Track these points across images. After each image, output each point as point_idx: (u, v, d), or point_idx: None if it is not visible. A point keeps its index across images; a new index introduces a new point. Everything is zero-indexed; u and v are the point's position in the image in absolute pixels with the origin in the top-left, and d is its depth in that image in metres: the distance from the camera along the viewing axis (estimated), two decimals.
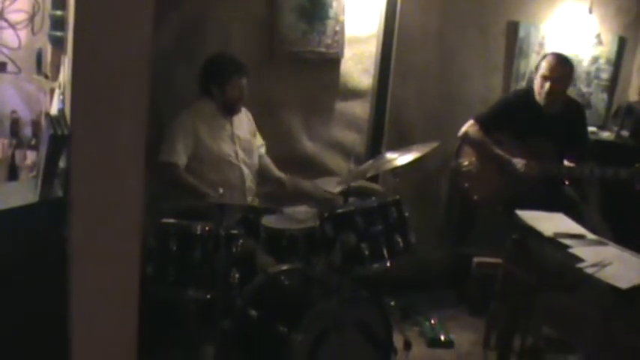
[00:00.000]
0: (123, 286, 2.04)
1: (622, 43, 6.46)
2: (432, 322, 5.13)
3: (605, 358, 3.77)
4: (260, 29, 5.12)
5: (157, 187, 4.57)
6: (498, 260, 4.38)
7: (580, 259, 3.39)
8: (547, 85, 5.02)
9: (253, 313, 3.81)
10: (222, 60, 4.66)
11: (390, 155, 4.46)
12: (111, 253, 2.35)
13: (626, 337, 3.14)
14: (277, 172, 5.02)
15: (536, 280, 3.54)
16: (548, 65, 5.06)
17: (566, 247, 3.55)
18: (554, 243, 3.62)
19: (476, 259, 5.38)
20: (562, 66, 5.06)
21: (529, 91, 5.20)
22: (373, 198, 4.34)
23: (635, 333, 3.10)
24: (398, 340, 4.36)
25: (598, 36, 6.33)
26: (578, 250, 3.49)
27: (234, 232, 3.93)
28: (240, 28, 5.03)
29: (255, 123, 4.99)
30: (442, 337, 4.96)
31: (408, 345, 4.56)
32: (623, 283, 3.09)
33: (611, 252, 3.50)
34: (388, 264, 4.10)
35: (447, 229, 5.93)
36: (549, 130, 5.07)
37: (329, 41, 5.31)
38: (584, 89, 6.38)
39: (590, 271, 3.24)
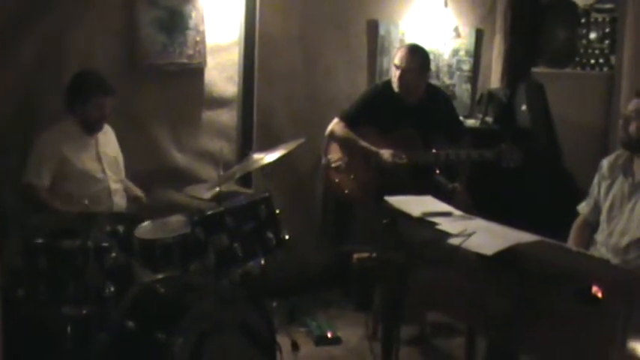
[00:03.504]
0: None
1: (479, 35, 6.68)
2: (318, 321, 5.13)
3: (480, 329, 3.86)
4: (121, 43, 5.07)
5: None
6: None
7: (448, 234, 3.43)
8: (398, 73, 5.12)
9: (131, 324, 3.73)
10: (86, 78, 4.58)
11: (257, 155, 4.47)
12: None
13: (496, 303, 3.20)
14: (135, 191, 4.94)
15: (407, 259, 3.57)
16: (399, 55, 5.16)
17: (434, 224, 3.59)
18: (422, 222, 3.66)
19: (355, 255, 5.41)
20: (412, 55, 5.13)
21: (388, 83, 5.27)
22: (242, 197, 4.33)
23: (504, 297, 3.16)
24: (285, 343, 4.35)
25: (456, 29, 6.51)
26: (445, 225, 3.53)
27: (105, 244, 3.85)
28: (101, 42, 4.98)
29: (122, 137, 4.91)
30: (329, 335, 4.96)
31: (295, 346, 4.56)
32: (489, 250, 3.14)
33: (477, 224, 3.56)
34: (262, 261, 4.10)
35: (325, 227, 5.95)
36: (414, 119, 5.14)
37: (190, 52, 5.29)
38: (448, 81, 6.55)
39: (455, 242, 3.28)
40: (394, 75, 5.16)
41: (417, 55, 5.17)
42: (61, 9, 4.78)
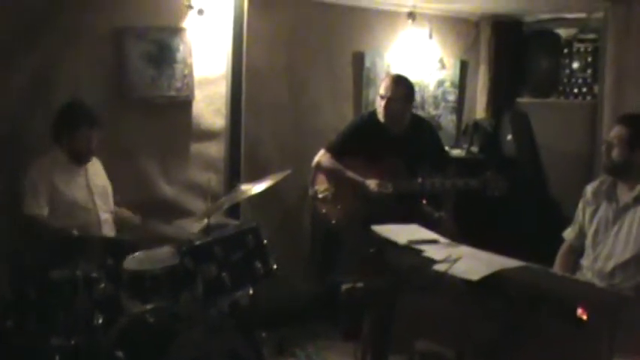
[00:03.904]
0: None
1: (464, 66, 6.76)
2: (307, 351, 5.12)
3: (468, 356, 3.87)
4: (110, 75, 5.11)
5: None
6: None
7: (434, 261, 3.45)
8: (383, 103, 5.18)
9: (120, 354, 3.72)
10: (73, 110, 4.60)
11: (244, 187, 4.50)
12: None
13: (483, 328, 3.21)
14: (127, 214, 4.95)
15: (393, 286, 3.58)
16: (384, 85, 5.24)
17: (420, 251, 3.61)
18: (408, 250, 3.68)
19: (344, 286, 5.42)
20: (396, 85, 5.21)
21: (374, 114, 5.33)
22: (230, 227, 4.35)
23: (491, 322, 3.18)
24: None
25: (441, 60, 6.58)
26: (430, 252, 3.55)
27: (94, 275, 3.86)
28: (91, 74, 5.02)
29: (111, 169, 4.93)
30: None
31: None
32: (474, 276, 3.17)
33: (462, 250, 3.58)
34: (251, 291, 4.11)
35: (313, 257, 5.97)
36: (399, 149, 5.19)
37: (179, 85, 5.34)
38: (434, 112, 6.61)
39: (441, 268, 3.30)
40: (379, 105, 5.23)
41: (402, 85, 5.24)
42: (51, 40, 4.83)
